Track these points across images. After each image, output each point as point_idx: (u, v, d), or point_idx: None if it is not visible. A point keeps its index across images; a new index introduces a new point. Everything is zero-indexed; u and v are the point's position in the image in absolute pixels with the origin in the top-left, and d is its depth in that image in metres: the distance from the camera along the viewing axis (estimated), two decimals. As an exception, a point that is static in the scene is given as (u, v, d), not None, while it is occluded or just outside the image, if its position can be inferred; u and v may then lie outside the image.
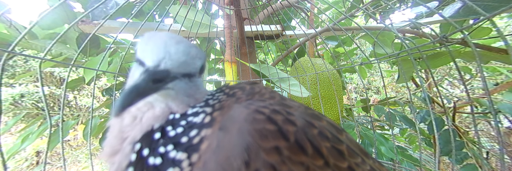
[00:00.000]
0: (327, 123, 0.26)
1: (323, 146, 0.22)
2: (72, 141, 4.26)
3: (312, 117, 0.26)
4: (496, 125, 0.41)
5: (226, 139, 0.22)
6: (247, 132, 0.22)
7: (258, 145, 0.20)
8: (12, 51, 0.36)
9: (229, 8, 0.89)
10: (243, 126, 0.22)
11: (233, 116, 0.24)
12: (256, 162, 0.19)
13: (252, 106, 0.25)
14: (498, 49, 0.92)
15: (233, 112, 0.25)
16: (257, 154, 0.20)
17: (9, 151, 0.96)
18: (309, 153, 0.21)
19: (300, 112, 0.26)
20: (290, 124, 0.23)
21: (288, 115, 0.24)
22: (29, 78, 4.18)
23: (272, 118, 0.23)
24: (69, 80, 1.17)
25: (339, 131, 0.26)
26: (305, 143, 0.22)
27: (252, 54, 1.18)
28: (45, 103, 0.44)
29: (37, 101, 4.11)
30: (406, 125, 1.17)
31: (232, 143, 0.21)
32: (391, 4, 1.15)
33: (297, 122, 0.23)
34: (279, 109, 0.24)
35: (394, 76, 3.27)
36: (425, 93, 1.37)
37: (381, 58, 0.67)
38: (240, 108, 0.25)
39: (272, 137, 0.21)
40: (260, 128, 0.22)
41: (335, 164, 0.22)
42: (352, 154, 0.24)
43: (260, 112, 0.24)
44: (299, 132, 0.22)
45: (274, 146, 0.20)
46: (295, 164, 0.20)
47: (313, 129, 0.23)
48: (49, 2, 0.93)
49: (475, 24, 0.46)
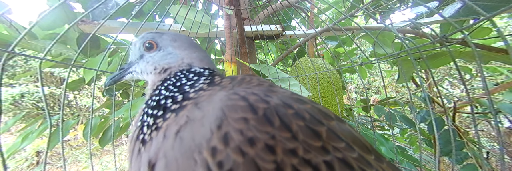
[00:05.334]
0: (313, 108, 0.27)
1: (294, 123, 0.23)
2: (72, 141, 4.26)
3: (295, 100, 0.27)
4: (496, 125, 0.41)
5: (200, 114, 0.26)
6: (219, 108, 0.25)
7: (227, 116, 0.24)
8: (12, 51, 0.36)
9: (229, 8, 0.89)
10: (217, 104, 0.26)
11: (212, 99, 0.28)
12: (226, 127, 0.23)
13: (231, 91, 0.28)
14: (498, 49, 0.92)
15: (214, 97, 0.28)
16: (227, 122, 0.23)
17: (9, 150, 0.96)
18: (276, 125, 0.23)
19: (282, 96, 0.27)
20: (263, 102, 0.25)
21: (265, 97, 0.26)
22: (29, 78, 4.18)
23: (246, 97, 0.26)
24: (70, 81, 1.17)
25: (327, 117, 0.27)
26: (274, 118, 0.23)
27: (252, 54, 1.18)
28: (45, 103, 0.44)
29: (37, 101, 4.11)
30: (406, 125, 1.17)
31: (205, 116, 0.25)
32: (391, 4, 1.15)
33: (272, 102, 0.25)
34: (258, 93, 0.27)
35: (394, 76, 3.27)
36: (425, 93, 1.37)
37: (381, 58, 0.67)
38: (221, 93, 0.29)
39: (241, 110, 0.24)
40: (232, 104, 0.25)
41: (305, 140, 0.23)
42: (332, 138, 0.24)
43: (236, 94, 0.27)
44: (269, 109, 0.24)
45: (242, 117, 0.23)
46: (260, 132, 0.22)
47: (288, 109, 0.25)
48: (48, 2, 0.93)
49: (475, 24, 0.46)
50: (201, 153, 0.22)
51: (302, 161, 0.21)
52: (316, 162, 0.21)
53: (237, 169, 0.20)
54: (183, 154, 0.24)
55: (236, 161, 0.21)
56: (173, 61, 0.41)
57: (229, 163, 0.21)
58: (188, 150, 0.23)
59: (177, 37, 0.43)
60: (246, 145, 0.21)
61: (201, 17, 0.89)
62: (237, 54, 1.03)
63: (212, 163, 0.21)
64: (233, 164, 0.20)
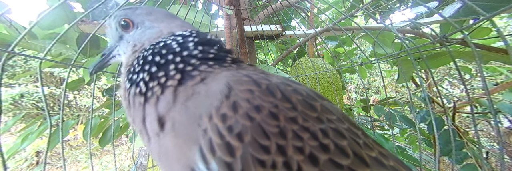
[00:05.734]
0: (308, 89, 0.30)
1: (293, 96, 0.26)
2: (72, 141, 4.26)
3: (292, 81, 0.30)
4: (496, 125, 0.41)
5: (205, 88, 0.29)
6: (225, 82, 0.27)
7: (234, 88, 0.26)
8: (12, 51, 0.36)
9: (229, 8, 0.89)
10: (222, 80, 0.28)
11: (216, 76, 0.30)
12: (234, 97, 0.25)
13: (234, 71, 0.31)
14: (498, 49, 0.92)
15: (218, 75, 0.31)
16: (235, 93, 0.26)
17: (9, 151, 0.96)
18: (277, 97, 0.26)
19: (280, 77, 0.30)
20: (265, 80, 0.28)
21: (266, 76, 0.29)
22: (29, 78, 4.18)
23: (249, 75, 0.28)
24: (70, 81, 1.17)
25: (319, 97, 0.30)
26: (276, 91, 0.26)
27: (252, 54, 1.18)
28: (45, 103, 0.44)
29: (37, 101, 4.11)
30: (406, 125, 1.17)
31: (210, 89, 0.28)
32: (391, 4, 1.15)
33: (273, 80, 0.28)
34: (259, 74, 0.30)
35: (394, 76, 3.28)
36: (425, 93, 1.37)
37: (381, 58, 0.67)
38: (224, 72, 0.31)
39: (246, 84, 0.27)
40: (237, 79, 0.28)
41: (303, 111, 0.25)
42: (326, 111, 0.27)
43: (240, 72, 0.30)
44: (271, 84, 0.27)
45: (248, 89, 0.26)
46: (265, 101, 0.25)
47: (287, 87, 0.28)
48: (48, 2, 0.93)
49: (475, 24, 0.46)
50: (211, 119, 0.25)
51: (301, 128, 0.24)
52: (313, 130, 0.24)
53: (246, 132, 0.23)
54: (188, 119, 0.27)
55: (244, 125, 0.23)
56: (153, 35, 0.39)
57: (238, 127, 0.23)
58: (193, 116, 0.26)
59: (151, 10, 0.42)
60: (253, 111, 0.24)
61: (201, 17, 0.89)
62: (237, 54, 1.03)
63: (223, 128, 0.24)
64: (242, 128, 0.23)
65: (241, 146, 0.23)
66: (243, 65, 0.37)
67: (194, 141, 0.25)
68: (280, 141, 0.23)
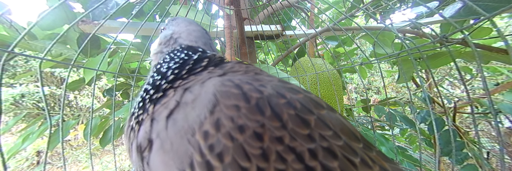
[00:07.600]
0: (306, 97, 0.27)
1: (285, 112, 0.24)
2: (72, 141, 4.26)
3: (287, 90, 0.27)
4: (496, 125, 0.41)
5: (191, 97, 0.27)
6: (212, 92, 0.26)
7: (220, 102, 0.25)
8: (12, 51, 0.36)
9: (229, 8, 0.89)
10: (210, 89, 0.27)
11: (204, 84, 0.29)
12: (219, 113, 0.24)
13: (225, 77, 0.29)
14: (498, 49, 0.92)
15: (206, 82, 0.29)
16: (219, 108, 0.24)
17: (10, 151, 0.96)
18: (266, 115, 0.24)
19: (274, 85, 0.28)
20: (256, 92, 0.25)
21: (259, 86, 0.26)
22: (29, 78, 4.19)
23: (240, 85, 0.26)
24: (70, 81, 1.17)
25: (318, 106, 0.27)
26: (265, 108, 0.24)
27: (252, 54, 1.18)
28: (46, 103, 0.44)
29: (37, 101, 4.11)
30: (406, 125, 1.16)
31: (197, 99, 0.26)
32: (391, 4, 1.15)
33: (265, 92, 0.26)
34: (251, 81, 0.27)
35: (394, 76, 3.27)
36: (426, 93, 1.37)
37: (381, 58, 0.66)
38: (214, 78, 0.29)
39: (234, 98, 0.25)
40: (225, 90, 0.26)
41: (293, 129, 0.24)
42: (320, 126, 0.25)
43: (230, 81, 0.27)
44: (262, 99, 0.25)
45: (234, 104, 0.24)
46: (250, 120, 0.23)
47: (281, 99, 0.25)
48: (48, 3, 0.93)
49: (475, 24, 0.46)
50: (194, 136, 0.24)
51: (286, 148, 0.22)
52: (300, 150, 0.23)
53: (227, 153, 0.22)
54: (176, 134, 0.25)
55: (226, 145, 0.22)
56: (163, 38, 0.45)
57: (219, 146, 0.22)
58: (182, 130, 0.25)
59: (176, 17, 0.48)
60: (236, 131, 0.23)
61: (201, 17, 0.89)
62: (237, 54, 1.03)
63: (204, 146, 0.23)
64: (223, 148, 0.22)
65: (221, 167, 0.22)
66: (234, 66, 0.36)
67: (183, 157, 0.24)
68: (261, 164, 0.22)
